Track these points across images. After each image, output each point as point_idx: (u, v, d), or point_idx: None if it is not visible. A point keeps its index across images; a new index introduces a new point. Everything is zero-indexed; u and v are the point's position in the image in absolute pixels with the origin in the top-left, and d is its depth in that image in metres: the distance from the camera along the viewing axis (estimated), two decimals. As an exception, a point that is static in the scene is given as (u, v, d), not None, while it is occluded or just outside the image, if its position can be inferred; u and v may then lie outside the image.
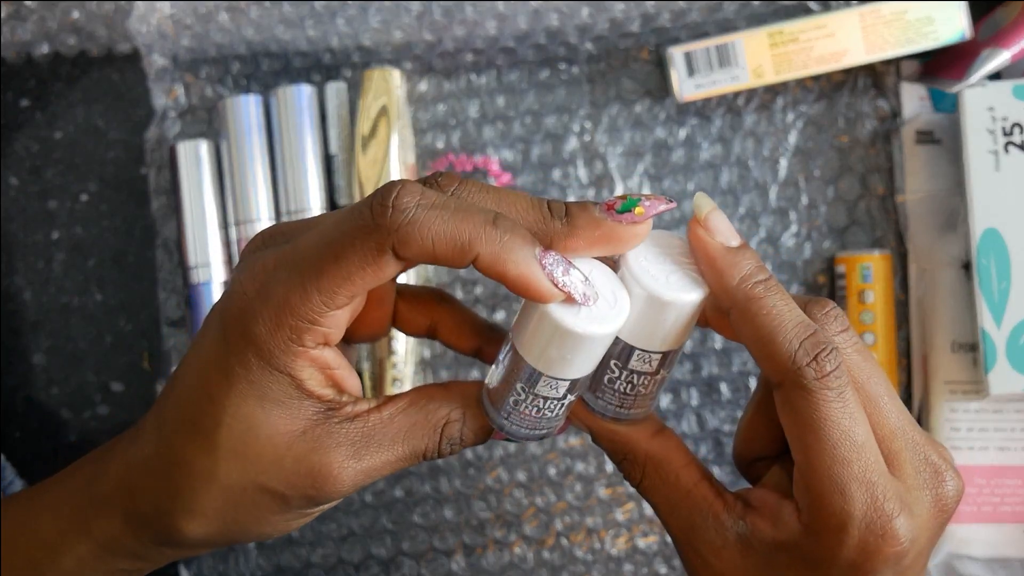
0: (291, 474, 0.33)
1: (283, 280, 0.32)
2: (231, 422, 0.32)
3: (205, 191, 0.53)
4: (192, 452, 0.33)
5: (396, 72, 0.52)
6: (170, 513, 0.34)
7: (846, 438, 0.32)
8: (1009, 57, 0.48)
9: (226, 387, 0.32)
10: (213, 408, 0.33)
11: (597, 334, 0.31)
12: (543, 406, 0.33)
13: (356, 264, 0.31)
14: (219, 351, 0.33)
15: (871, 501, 0.32)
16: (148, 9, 0.51)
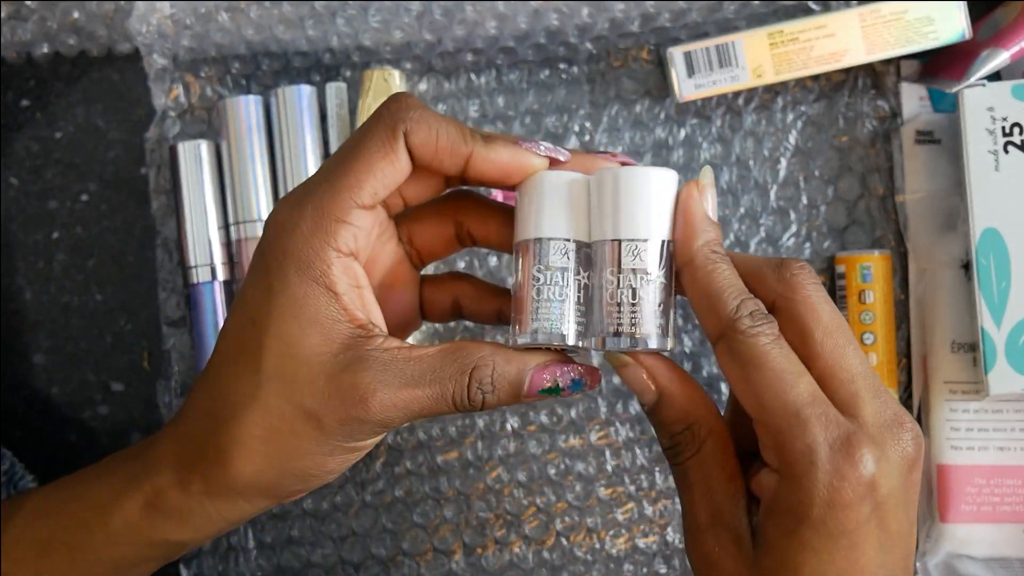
0: (326, 394, 0.34)
1: (313, 189, 0.35)
2: (271, 343, 0.35)
3: (206, 191, 0.53)
4: (235, 378, 0.35)
5: (396, 72, 0.52)
6: (216, 446, 0.35)
7: (789, 371, 0.34)
8: (1008, 57, 0.48)
9: (267, 308, 0.35)
10: (255, 330, 0.35)
11: (580, 177, 0.37)
12: (562, 282, 0.36)
13: (376, 150, 0.35)
14: (260, 275, 0.35)
15: (831, 426, 0.34)
16: (148, 9, 0.51)
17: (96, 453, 0.55)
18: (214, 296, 0.53)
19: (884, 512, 0.34)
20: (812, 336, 0.36)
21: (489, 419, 0.54)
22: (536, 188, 0.37)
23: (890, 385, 0.51)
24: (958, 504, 0.50)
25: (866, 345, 0.51)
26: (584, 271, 0.37)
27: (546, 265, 0.36)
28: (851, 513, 0.34)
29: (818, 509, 0.34)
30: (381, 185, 0.35)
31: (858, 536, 0.34)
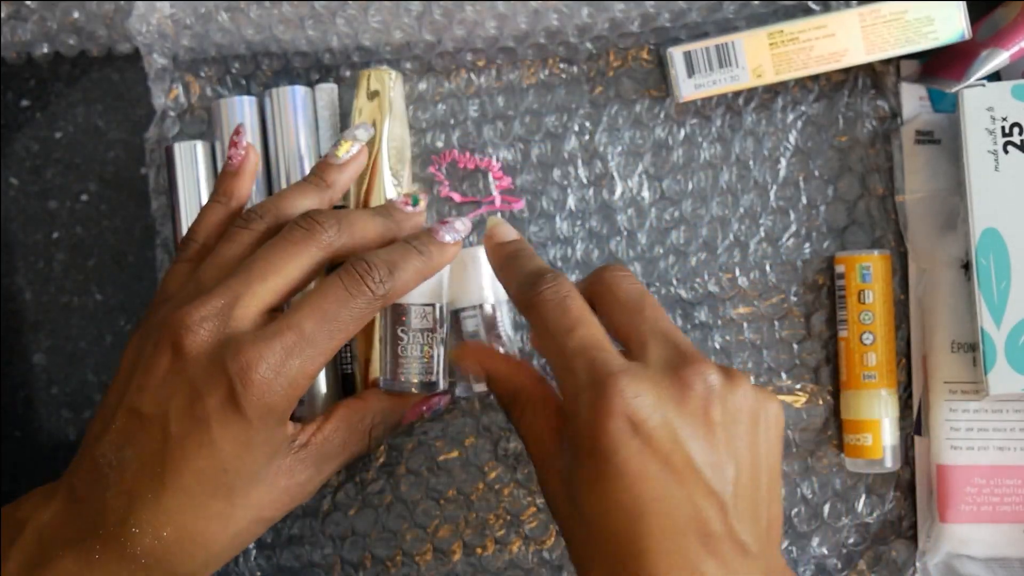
0: (277, 502, 0.43)
1: (299, 364, 0.40)
2: (247, 484, 0.41)
3: (202, 192, 0.53)
4: (206, 519, 0.41)
5: (393, 72, 0.52)
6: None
7: (562, 325, 0.40)
8: (1008, 57, 0.48)
9: (246, 454, 0.41)
10: (229, 477, 0.40)
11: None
12: (423, 341, 0.46)
13: (354, 328, 0.42)
14: (238, 426, 0.40)
15: (591, 365, 0.39)
16: (148, 9, 0.51)
17: (96, 453, 0.55)
18: None
19: (660, 445, 0.37)
20: (612, 306, 0.42)
21: (489, 419, 0.54)
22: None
23: (890, 385, 0.51)
24: (958, 504, 0.51)
25: (865, 345, 0.51)
26: (440, 328, 0.47)
27: (407, 329, 0.46)
28: (614, 444, 0.37)
29: (586, 441, 0.38)
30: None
31: (628, 467, 0.37)
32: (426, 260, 0.44)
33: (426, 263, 0.44)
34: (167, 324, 0.40)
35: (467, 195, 0.54)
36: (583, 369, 0.39)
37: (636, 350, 0.41)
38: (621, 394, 0.38)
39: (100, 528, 0.39)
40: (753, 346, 0.53)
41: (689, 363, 0.39)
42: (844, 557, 0.52)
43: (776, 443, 0.42)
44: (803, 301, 0.53)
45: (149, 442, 0.40)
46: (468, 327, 0.49)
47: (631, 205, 0.54)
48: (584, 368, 0.39)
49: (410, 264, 0.43)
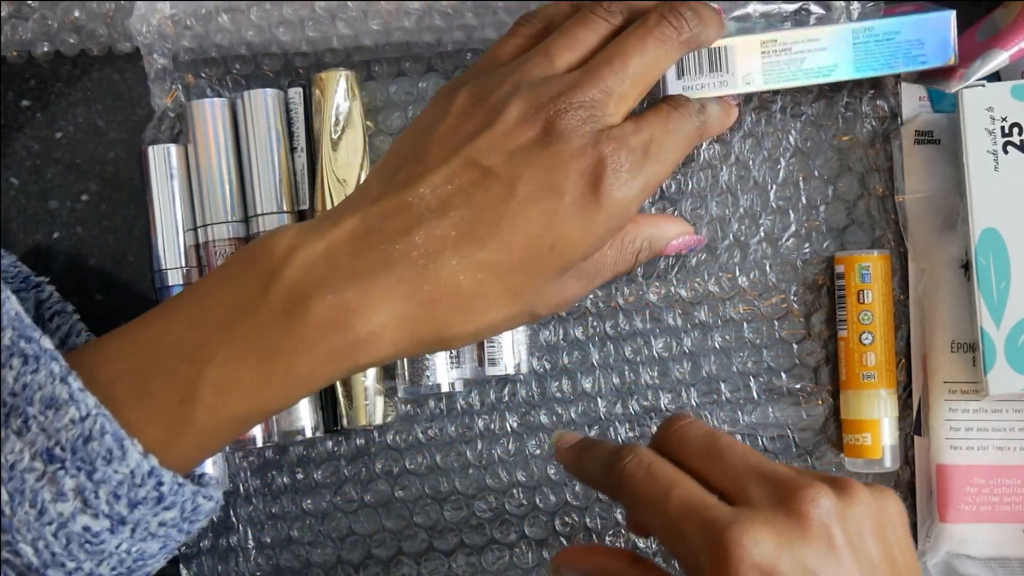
0: (551, 301, 0.44)
1: (654, 169, 0.43)
2: (537, 278, 0.41)
3: (176, 195, 0.52)
4: (497, 297, 0.41)
5: (346, 73, 0.52)
6: (455, 340, 0.41)
7: (655, 493, 0.38)
8: (1008, 57, 0.48)
9: (579, 241, 0.41)
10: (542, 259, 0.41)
11: None
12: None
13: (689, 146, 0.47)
14: (590, 212, 0.41)
15: (700, 524, 0.37)
16: (148, 9, 0.51)
17: (96, 453, 0.55)
18: None
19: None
20: (692, 460, 0.40)
21: (489, 419, 0.54)
22: None
23: (889, 385, 0.51)
24: (957, 504, 0.51)
25: (864, 345, 0.51)
26: None
27: None
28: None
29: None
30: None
31: None
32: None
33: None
34: (538, 99, 0.41)
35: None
36: (694, 532, 0.37)
37: (736, 495, 0.38)
38: (742, 547, 0.35)
39: (398, 265, 0.38)
40: (753, 346, 0.53)
41: (796, 492, 0.37)
42: (844, 557, 0.52)
43: (906, 540, 0.39)
44: (803, 301, 0.53)
45: (489, 196, 0.39)
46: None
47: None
48: (694, 530, 0.37)
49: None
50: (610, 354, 0.54)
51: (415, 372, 0.51)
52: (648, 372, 0.53)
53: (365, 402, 0.52)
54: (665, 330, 0.54)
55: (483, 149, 0.40)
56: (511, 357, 0.52)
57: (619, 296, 0.54)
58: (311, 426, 0.52)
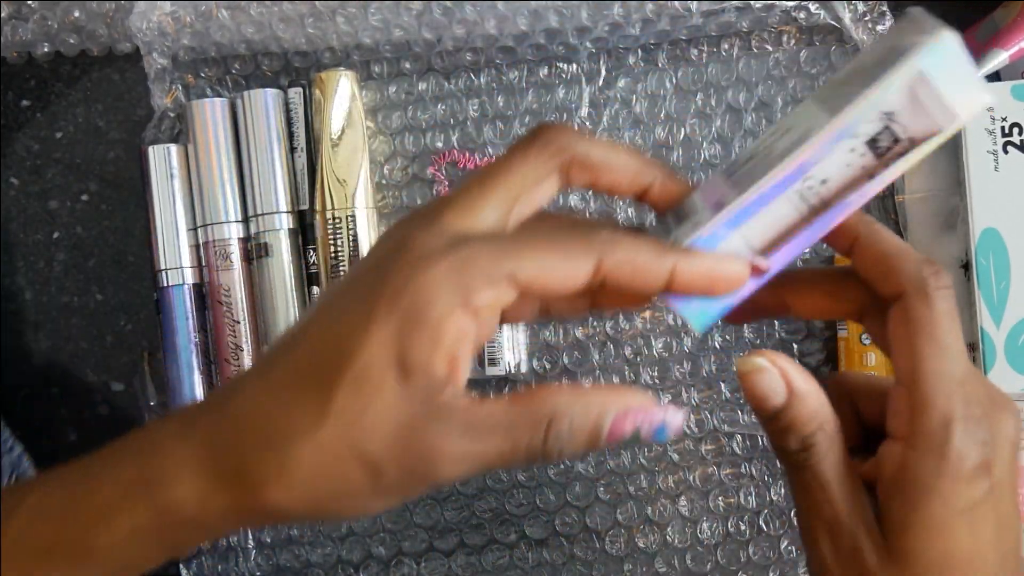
0: (392, 445, 0.32)
1: (478, 239, 0.32)
2: (349, 377, 0.31)
3: (176, 194, 0.53)
4: (296, 404, 0.32)
5: (347, 73, 0.52)
6: (256, 472, 0.32)
7: (954, 347, 0.34)
8: (1008, 57, 0.48)
9: (360, 338, 0.31)
10: (337, 356, 0.32)
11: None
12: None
13: (564, 261, 0.32)
14: (365, 290, 0.32)
15: (971, 405, 0.33)
16: (149, 7, 0.51)
17: (96, 453, 0.55)
18: (185, 299, 0.52)
19: (997, 494, 0.34)
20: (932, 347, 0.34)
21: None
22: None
23: (890, 385, 0.51)
24: (958, 504, 0.50)
25: (864, 345, 0.51)
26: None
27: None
28: (972, 491, 0.33)
29: (946, 482, 0.33)
30: (554, 287, 0.32)
31: (976, 515, 0.34)
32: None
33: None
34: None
35: (467, 195, 0.54)
36: (961, 403, 0.34)
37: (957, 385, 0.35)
38: (984, 439, 0.34)
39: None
40: (753, 346, 0.53)
41: (1006, 405, 0.35)
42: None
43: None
44: (803, 301, 0.53)
45: None
46: None
47: (631, 205, 0.54)
48: (962, 403, 0.34)
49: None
50: (610, 354, 0.54)
51: None
52: (648, 372, 0.53)
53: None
54: (665, 330, 0.53)
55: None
56: (511, 357, 0.52)
57: (619, 296, 0.54)
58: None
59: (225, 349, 0.52)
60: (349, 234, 0.52)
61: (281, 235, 0.52)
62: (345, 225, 0.52)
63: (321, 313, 0.33)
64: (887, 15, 0.52)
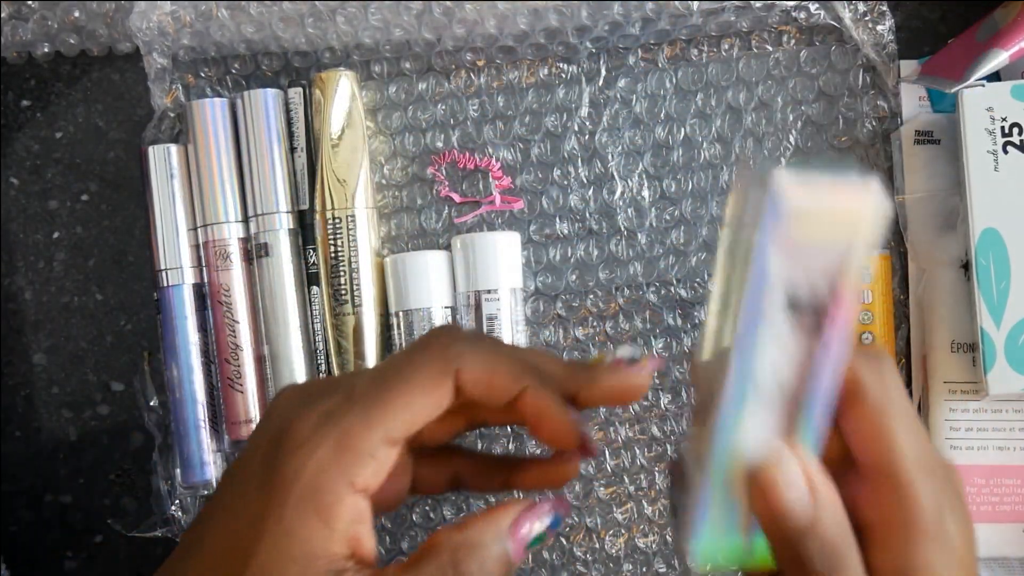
0: None
1: (342, 412, 0.32)
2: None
3: (176, 194, 0.53)
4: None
5: (351, 73, 0.52)
6: None
7: (913, 412, 0.32)
8: (1008, 57, 0.48)
9: (254, 534, 0.32)
10: (237, 560, 0.32)
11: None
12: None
13: (422, 386, 0.32)
14: (256, 488, 0.32)
15: (943, 483, 0.32)
16: (149, 7, 0.51)
17: (96, 452, 0.55)
18: (184, 299, 0.52)
19: (971, 548, 0.32)
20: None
21: (489, 419, 0.54)
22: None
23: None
24: (958, 504, 0.50)
25: (864, 345, 0.51)
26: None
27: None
28: (955, 567, 0.31)
29: (954, 565, 0.31)
30: (420, 422, 0.33)
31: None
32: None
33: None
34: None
35: (467, 195, 0.54)
36: (942, 481, 0.32)
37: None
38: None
39: None
40: (753, 346, 0.53)
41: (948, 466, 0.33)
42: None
43: None
44: (803, 301, 0.53)
45: None
46: (488, 310, 0.50)
47: (631, 205, 0.54)
48: (942, 481, 0.32)
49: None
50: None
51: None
52: (648, 372, 0.53)
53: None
54: (665, 330, 0.53)
55: None
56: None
57: (619, 296, 0.54)
58: (311, 426, 0.52)
59: (225, 349, 0.52)
60: (349, 234, 0.52)
61: (281, 235, 0.52)
62: (345, 225, 0.52)
63: (218, 514, 0.33)
64: (887, 15, 0.52)
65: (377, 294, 0.53)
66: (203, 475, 0.52)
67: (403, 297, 0.52)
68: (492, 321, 0.51)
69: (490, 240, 0.51)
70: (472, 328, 0.41)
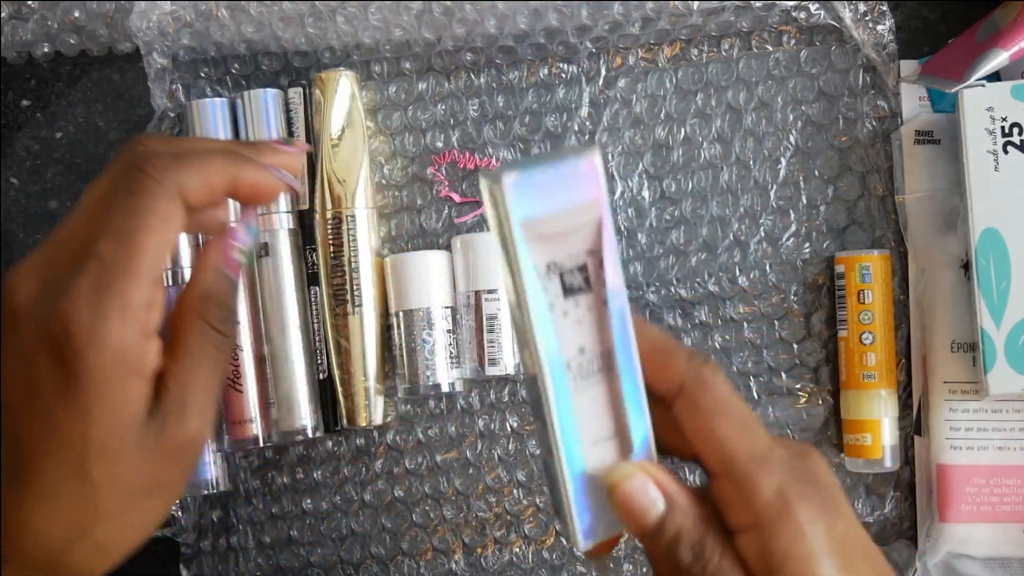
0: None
1: (112, 300, 0.33)
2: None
3: None
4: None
5: (351, 73, 0.52)
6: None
7: (750, 415, 0.34)
8: (1008, 57, 0.48)
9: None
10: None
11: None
12: (447, 342, 0.50)
13: (163, 237, 0.34)
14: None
15: (790, 465, 0.33)
16: (149, 7, 0.51)
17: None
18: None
19: (853, 525, 0.33)
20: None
21: (488, 419, 0.54)
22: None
23: (889, 385, 0.51)
24: (958, 504, 0.50)
25: (864, 345, 0.51)
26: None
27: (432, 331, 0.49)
28: (834, 535, 0.32)
29: (807, 540, 0.32)
30: (168, 252, 0.35)
31: (843, 549, 0.32)
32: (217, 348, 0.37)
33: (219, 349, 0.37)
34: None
35: (466, 195, 0.54)
36: (783, 469, 0.33)
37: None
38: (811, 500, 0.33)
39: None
40: (753, 346, 0.53)
41: (805, 452, 0.34)
42: (844, 557, 0.52)
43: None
44: (803, 301, 0.53)
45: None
46: (488, 310, 0.50)
47: (631, 205, 0.54)
48: (783, 468, 0.33)
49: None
50: (610, 354, 0.54)
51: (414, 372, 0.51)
52: (648, 372, 0.53)
53: (365, 402, 0.52)
54: (664, 330, 0.54)
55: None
56: (511, 357, 0.52)
57: (619, 296, 0.54)
58: (311, 426, 0.52)
59: (225, 349, 0.52)
60: (349, 234, 0.52)
61: (281, 235, 0.52)
62: (345, 225, 0.52)
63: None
64: (887, 15, 0.52)
65: (377, 294, 0.53)
66: (203, 474, 0.52)
67: (403, 297, 0.52)
68: (492, 321, 0.51)
69: (490, 240, 0.51)
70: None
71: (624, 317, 0.33)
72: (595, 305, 0.33)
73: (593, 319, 0.33)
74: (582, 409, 0.33)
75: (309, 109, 0.53)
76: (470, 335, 0.51)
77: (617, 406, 0.34)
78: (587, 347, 0.33)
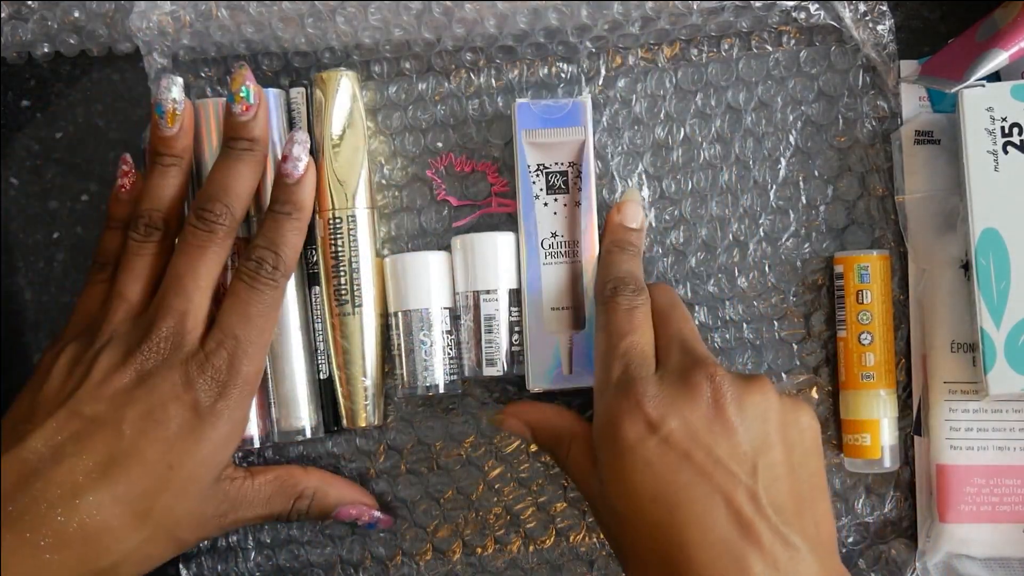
0: (192, 522, 0.47)
1: (245, 365, 0.47)
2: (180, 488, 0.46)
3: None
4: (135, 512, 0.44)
5: (347, 73, 0.52)
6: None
7: (618, 331, 0.45)
8: (1008, 57, 0.48)
9: (195, 452, 0.46)
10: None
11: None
12: (444, 343, 0.52)
13: (276, 314, 0.50)
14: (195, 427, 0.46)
15: (626, 368, 0.44)
16: (148, 7, 0.51)
17: (96, 453, 0.55)
18: None
19: (678, 441, 0.41)
20: (653, 318, 0.46)
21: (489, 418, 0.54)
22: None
23: (888, 385, 0.51)
24: (957, 504, 0.51)
25: (863, 345, 0.51)
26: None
27: (430, 331, 0.52)
28: (633, 440, 0.42)
29: (608, 436, 0.43)
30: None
31: (651, 461, 0.41)
32: (297, 216, 0.48)
33: (299, 219, 0.49)
34: (128, 345, 0.45)
35: (464, 198, 0.54)
36: (618, 371, 0.44)
37: (661, 358, 0.45)
38: (639, 396, 0.42)
39: (16, 522, 0.42)
40: (753, 346, 0.53)
41: (696, 366, 0.43)
42: (844, 557, 0.52)
43: (812, 449, 0.44)
44: (802, 301, 0.53)
45: (98, 439, 0.44)
46: (487, 310, 0.50)
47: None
48: (620, 370, 0.44)
49: (287, 233, 0.48)
50: (610, 354, 0.53)
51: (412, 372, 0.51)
52: (648, 372, 0.53)
53: (365, 402, 0.52)
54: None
55: (84, 400, 0.44)
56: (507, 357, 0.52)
57: (619, 296, 0.54)
58: (311, 426, 0.52)
59: (225, 349, 0.52)
60: (349, 234, 0.52)
61: (281, 235, 0.52)
62: (345, 225, 0.52)
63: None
64: (887, 15, 0.52)
65: (378, 294, 0.53)
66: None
67: (402, 297, 0.52)
68: (490, 321, 0.51)
69: (489, 240, 0.51)
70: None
71: (591, 219, 0.49)
72: (570, 204, 0.50)
73: (566, 214, 0.49)
74: (548, 279, 0.50)
75: (311, 109, 0.53)
76: (468, 335, 0.51)
77: (576, 286, 0.50)
78: (559, 233, 0.50)
